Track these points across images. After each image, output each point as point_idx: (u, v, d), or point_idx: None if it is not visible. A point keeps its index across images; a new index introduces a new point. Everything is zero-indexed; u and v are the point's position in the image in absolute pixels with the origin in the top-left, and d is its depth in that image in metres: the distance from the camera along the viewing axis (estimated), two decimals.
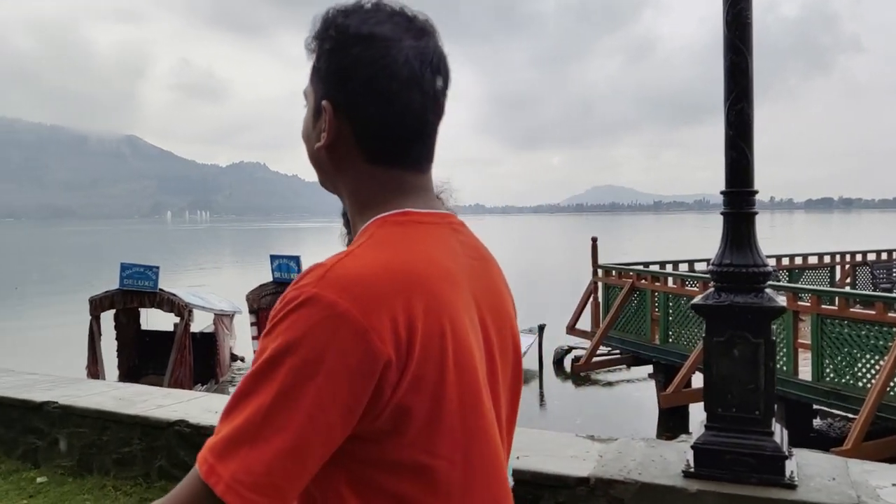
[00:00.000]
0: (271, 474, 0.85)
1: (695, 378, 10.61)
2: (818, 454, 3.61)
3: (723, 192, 3.33)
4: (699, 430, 3.31)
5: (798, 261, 15.90)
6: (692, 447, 3.23)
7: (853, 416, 8.34)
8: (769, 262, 3.32)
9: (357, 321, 0.86)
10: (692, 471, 3.18)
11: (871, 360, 8.23)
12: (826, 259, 16.32)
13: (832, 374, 8.63)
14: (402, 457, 0.92)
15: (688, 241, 63.70)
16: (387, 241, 0.97)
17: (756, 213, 3.32)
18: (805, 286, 13.39)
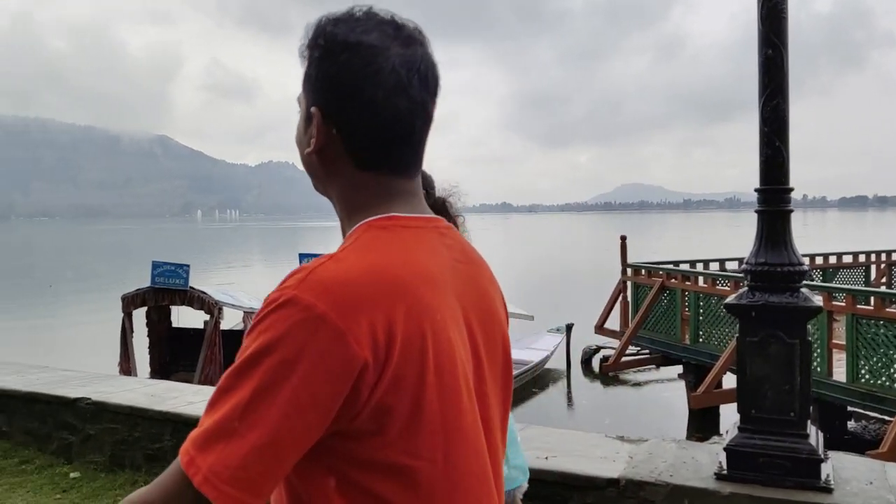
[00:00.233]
0: (246, 468, 0.88)
1: (726, 379, 10.48)
2: (854, 457, 3.53)
3: (757, 190, 3.27)
4: (732, 431, 3.26)
5: (832, 260, 15.63)
6: (725, 449, 3.18)
7: (889, 418, 8.19)
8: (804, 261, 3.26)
9: (334, 324, 0.88)
10: (725, 473, 3.13)
11: None
12: (861, 258, 16.01)
13: (867, 376, 8.48)
14: (383, 457, 0.95)
15: (718, 239, 62.99)
16: (370, 245, 0.99)
17: (792, 210, 3.26)
18: (840, 286, 13.17)
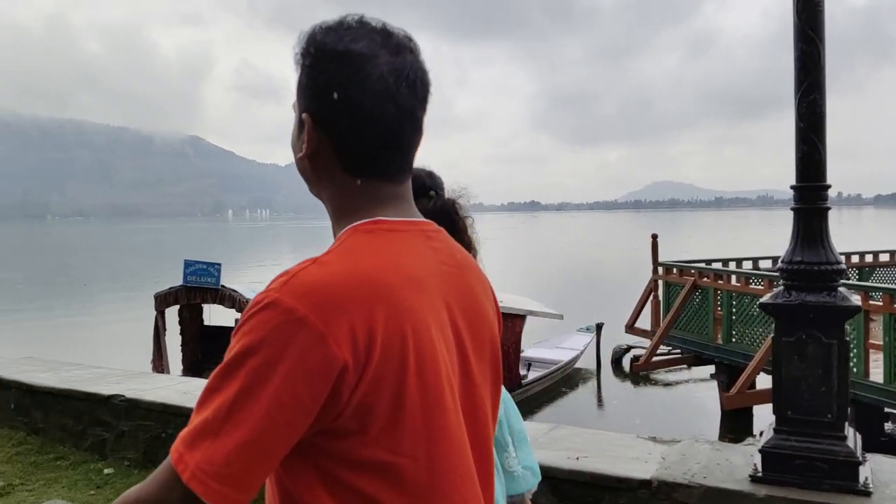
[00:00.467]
0: (230, 465, 0.91)
1: (759, 379, 10.32)
2: (893, 460, 3.45)
3: (793, 187, 3.21)
4: (767, 433, 3.21)
5: (868, 258, 15.32)
6: (760, 451, 3.13)
7: None
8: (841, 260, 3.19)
9: (315, 326, 0.92)
10: (760, 475, 3.08)
11: None
12: None
13: None
14: (366, 455, 0.98)
15: (751, 238, 62.18)
16: (353, 248, 1.02)
17: (829, 208, 3.19)
18: (877, 285, 12.92)
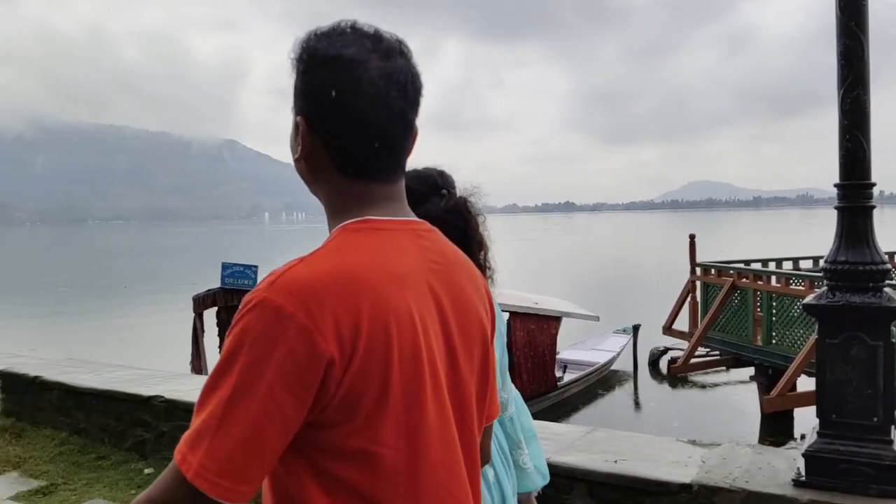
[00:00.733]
0: (232, 461, 0.96)
1: (800, 381, 10.14)
2: None
3: (837, 185, 3.14)
4: (811, 436, 3.14)
5: None
6: (803, 454, 3.07)
7: None
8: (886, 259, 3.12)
9: (302, 322, 0.96)
10: (803, 479, 3.01)
11: None
12: None
13: None
14: (350, 445, 1.02)
15: (791, 237, 61.16)
16: (340, 246, 1.07)
17: (874, 206, 3.11)
18: None
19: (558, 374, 12.31)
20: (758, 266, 13.06)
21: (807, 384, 10.00)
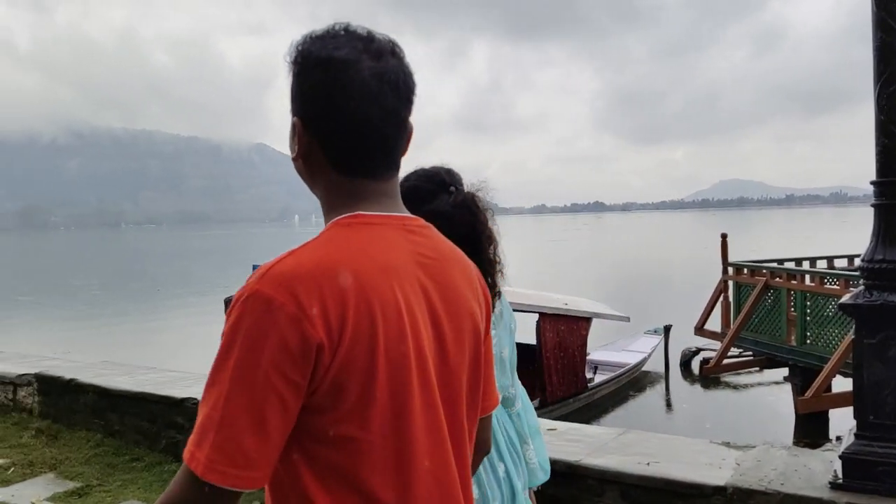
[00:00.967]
0: (240, 449, 0.99)
1: (835, 382, 9.97)
2: None
3: (874, 183, 3.08)
4: (847, 438, 3.09)
5: None
6: (840, 457, 3.01)
7: None
8: None
9: (291, 311, 1.00)
10: (840, 482, 2.97)
11: None
12: None
13: None
14: (339, 431, 1.05)
15: (824, 236, 60.23)
16: (330, 239, 1.11)
17: None
18: None
19: (589, 375, 12.23)
20: (791, 265, 12.88)
21: (842, 385, 9.84)
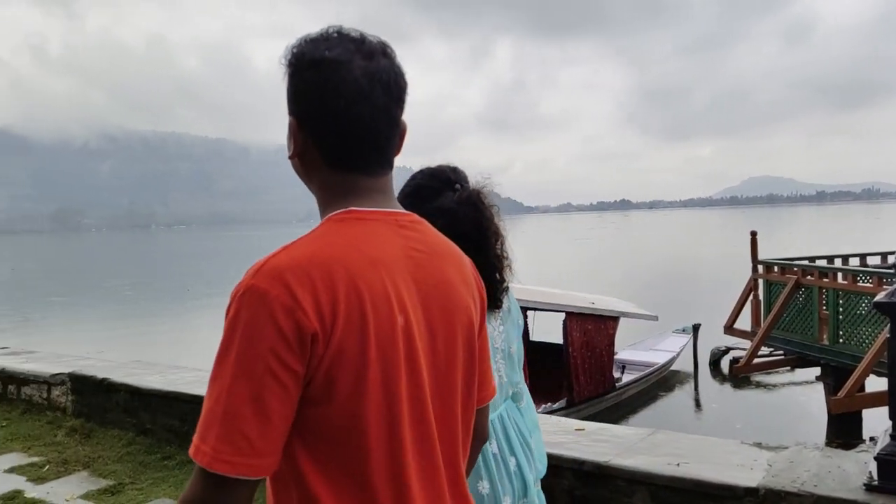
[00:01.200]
0: (246, 438, 1.02)
1: (869, 381, 9.80)
2: None
3: None
4: (883, 439, 3.03)
5: None
6: (875, 458, 2.96)
7: None
8: None
9: (286, 302, 1.04)
10: (876, 484, 2.91)
11: None
12: None
13: None
14: (334, 422, 1.08)
15: (857, 233, 59.25)
16: (322, 234, 1.14)
17: None
18: None
19: (616, 375, 12.15)
20: (823, 263, 12.69)
21: (876, 384, 9.68)
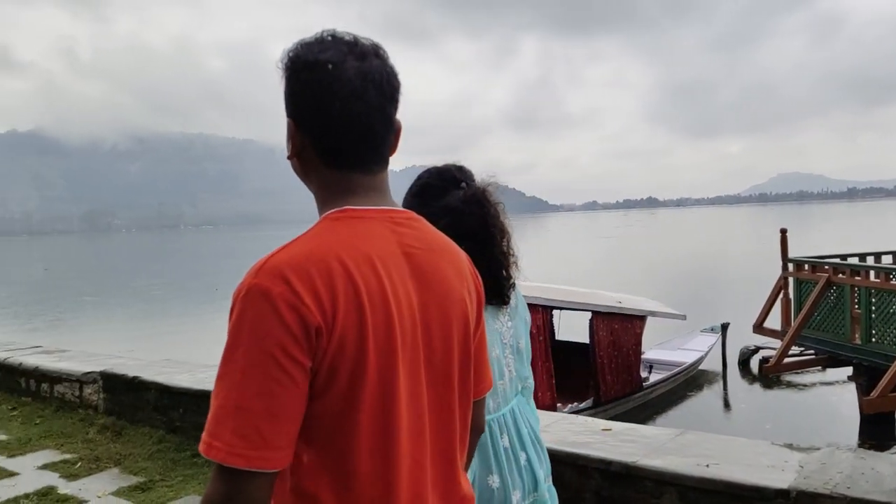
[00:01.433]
0: (259, 431, 1.04)
1: None
2: None
3: None
4: None
5: None
6: None
7: None
8: None
9: (289, 298, 1.07)
10: None
11: None
12: None
13: None
14: (332, 412, 1.11)
15: (890, 229, 58.21)
16: (319, 232, 1.17)
17: None
18: None
19: (644, 374, 12.06)
20: (855, 261, 12.49)
21: None
